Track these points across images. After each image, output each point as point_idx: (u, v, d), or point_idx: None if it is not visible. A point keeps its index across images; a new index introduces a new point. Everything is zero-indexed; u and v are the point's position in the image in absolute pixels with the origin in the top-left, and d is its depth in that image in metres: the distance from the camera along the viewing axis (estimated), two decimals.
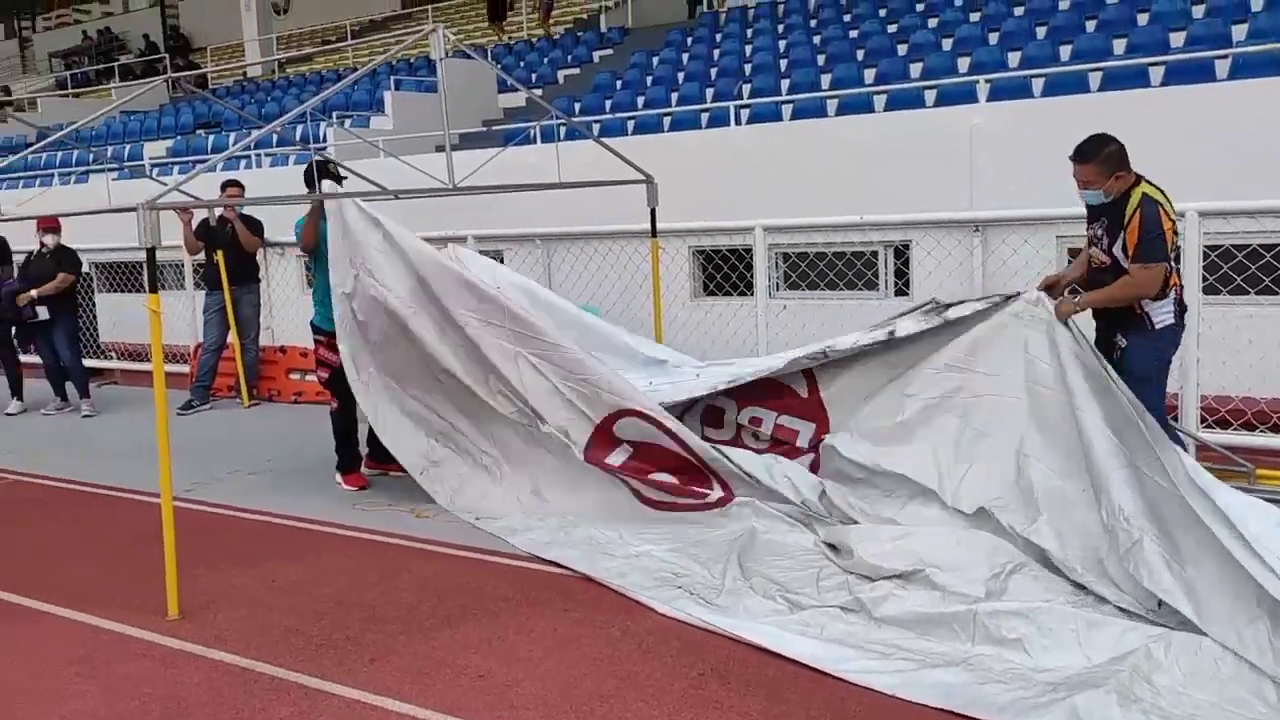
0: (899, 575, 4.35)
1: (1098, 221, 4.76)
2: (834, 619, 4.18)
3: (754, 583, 4.60)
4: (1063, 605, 3.97)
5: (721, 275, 8.28)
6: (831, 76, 12.03)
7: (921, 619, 4.05)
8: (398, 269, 5.97)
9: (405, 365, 6.01)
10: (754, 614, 4.31)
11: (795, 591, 4.46)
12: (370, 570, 5.11)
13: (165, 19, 31.39)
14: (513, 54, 18.42)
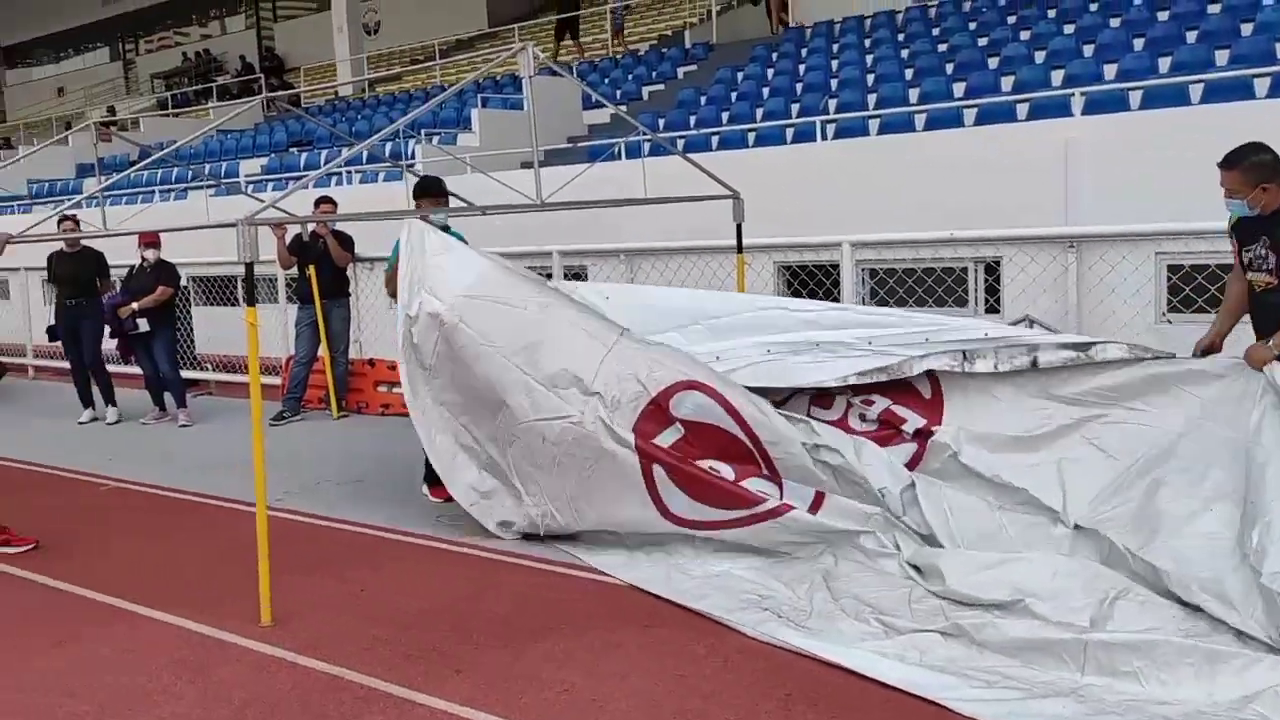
0: (996, 605, 4.23)
1: (1257, 241, 4.44)
2: (934, 644, 4.06)
3: (844, 604, 4.50)
4: (1176, 636, 3.81)
5: (808, 291, 8.20)
6: (920, 91, 11.88)
7: (1026, 646, 3.91)
8: (453, 274, 5.72)
9: (454, 390, 5.71)
10: (847, 637, 4.22)
11: (888, 614, 4.36)
12: (456, 582, 5.16)
13: (260, 40, 32.35)
14: (597, 71, 18.57)
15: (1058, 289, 7.09)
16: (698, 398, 5.16)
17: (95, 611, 5.00)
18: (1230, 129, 7.33)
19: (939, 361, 5.08)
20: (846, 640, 4.18)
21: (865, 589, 4.59)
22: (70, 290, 9.82)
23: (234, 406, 10.22)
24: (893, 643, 4.11)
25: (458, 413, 5.70)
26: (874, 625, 4.29)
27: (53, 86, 38.08)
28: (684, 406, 5.16)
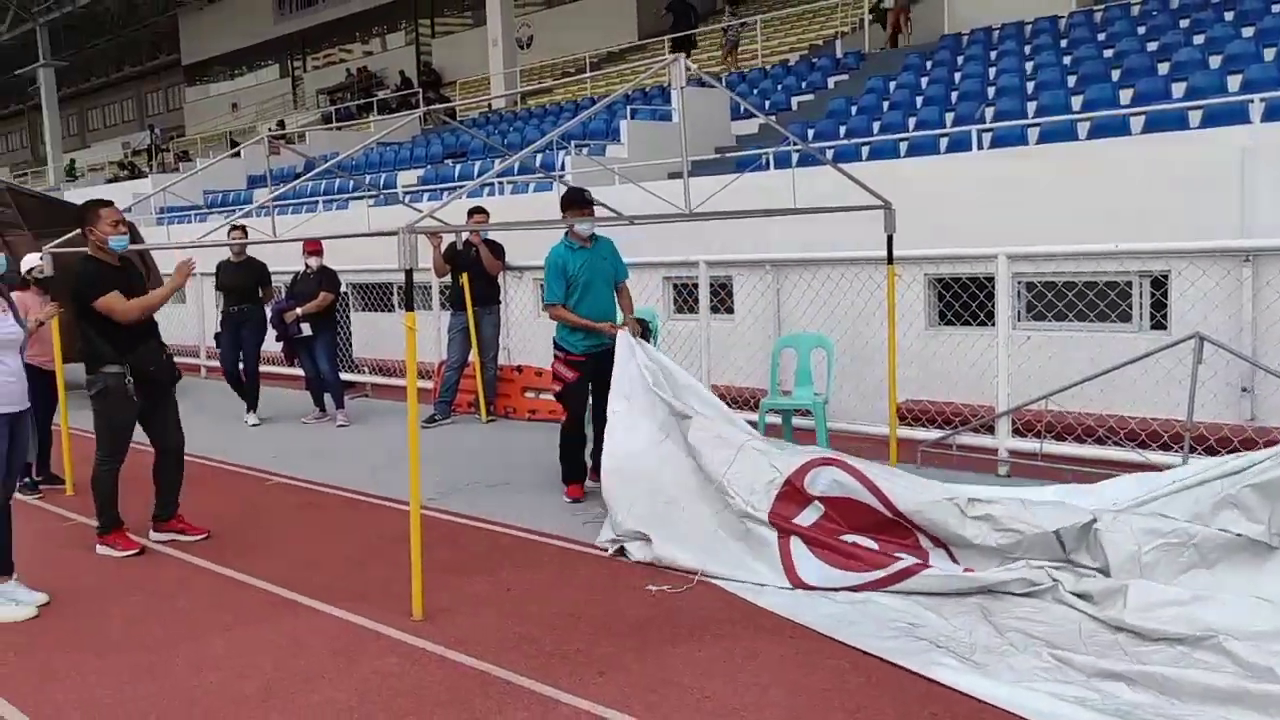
0: (1180, 639, 3.96)
1: None
2: (1120, 689, 3.74)
3: (1011, 638, 4.23)
4: None
5: (960, 304, 7.98)
6: (1083, 98, 11.43)
7: (1224, 697, 3.57)
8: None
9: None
10: (1020, 674, 3.94)
11: (1062, 649, 4.07)
12: (600, 585, 5.22)
13: (419, 56, 33.57)
14: (746, 81, 18.55)
15: (1231, 304, 6.71)
16: (833, 473, 5.21)
17: (261, 600, 5.26)
18: None
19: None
20: (1019, 677, 3.91)
21: (1030, 622, 4.34)
22: (235, 298, 10.34)
23: (388, 409, 10.60)
24: (1072, 686, 3.81)
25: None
26: (1047, 659, 4.02)
27: (227, 102, 40.38)
28: (819, 483, 5.22)
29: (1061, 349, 7.29)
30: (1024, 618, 4.39)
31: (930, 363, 8.00)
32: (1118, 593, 4.31)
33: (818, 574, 5.03)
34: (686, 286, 9.91)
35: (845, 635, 4.40)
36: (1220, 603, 4.16)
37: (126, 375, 5.87)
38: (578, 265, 6.74)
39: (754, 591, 5.02)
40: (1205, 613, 4.08)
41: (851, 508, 5.13)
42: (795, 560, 5.12)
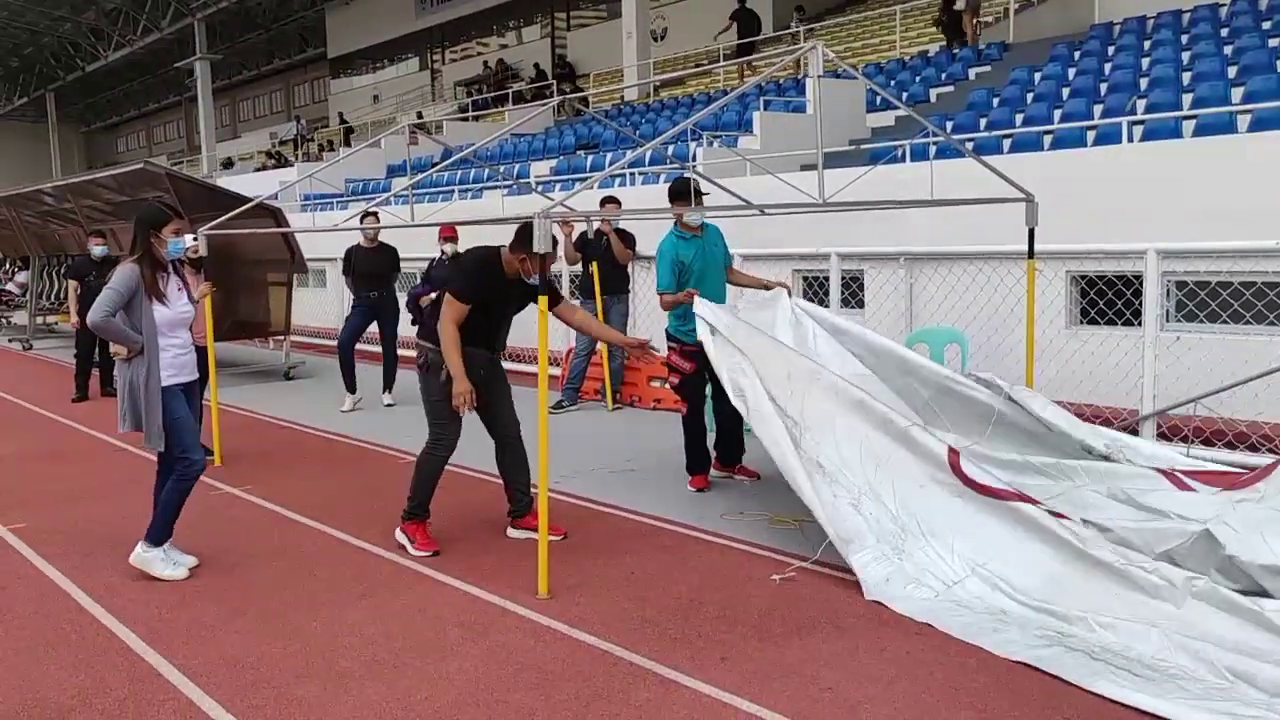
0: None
1: None
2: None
3: (1178, 655, 3.99)
4: None
5: (1105, 302, 7.68)
6: (1244, 90, 10.84)
7: None
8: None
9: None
10: (1190, 693, 3.71)
11: (1241, 661, 3.84)
12: (723, 572, 5.22)
13: (555, 49, 34.01)
14: (883, 73, 18.21)
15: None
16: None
17: (396, 572, 5.44)
18: None
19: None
20: (1188, 695, 3.69)
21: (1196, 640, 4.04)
22: (369, 283, 10.54)
23: (519, 394, 10.76)
24: (1253, 708, 3.57)
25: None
26: (1224, 677, 3.80)
27: (369, 94, 41.69)
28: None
29: (1212, 351, 6.94)
30: (1191, 627, 4.10)
31: (1070, 362, 7.72)
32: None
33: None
34: (817, 279, 9.80)
35: (989, 643, 4.22)
36: None
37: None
38: (691, 255, 6.75)
39: (891, 594, 4.79)
40: None
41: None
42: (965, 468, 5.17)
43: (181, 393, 5.34)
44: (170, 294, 5.32)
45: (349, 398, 10.51)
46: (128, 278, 5.16)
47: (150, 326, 5.17)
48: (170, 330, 5.30)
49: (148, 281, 5.19)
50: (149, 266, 5.23)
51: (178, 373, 5.33)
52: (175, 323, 5.33)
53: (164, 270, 5.33)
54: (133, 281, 5.15)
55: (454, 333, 5.44)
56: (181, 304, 5.40)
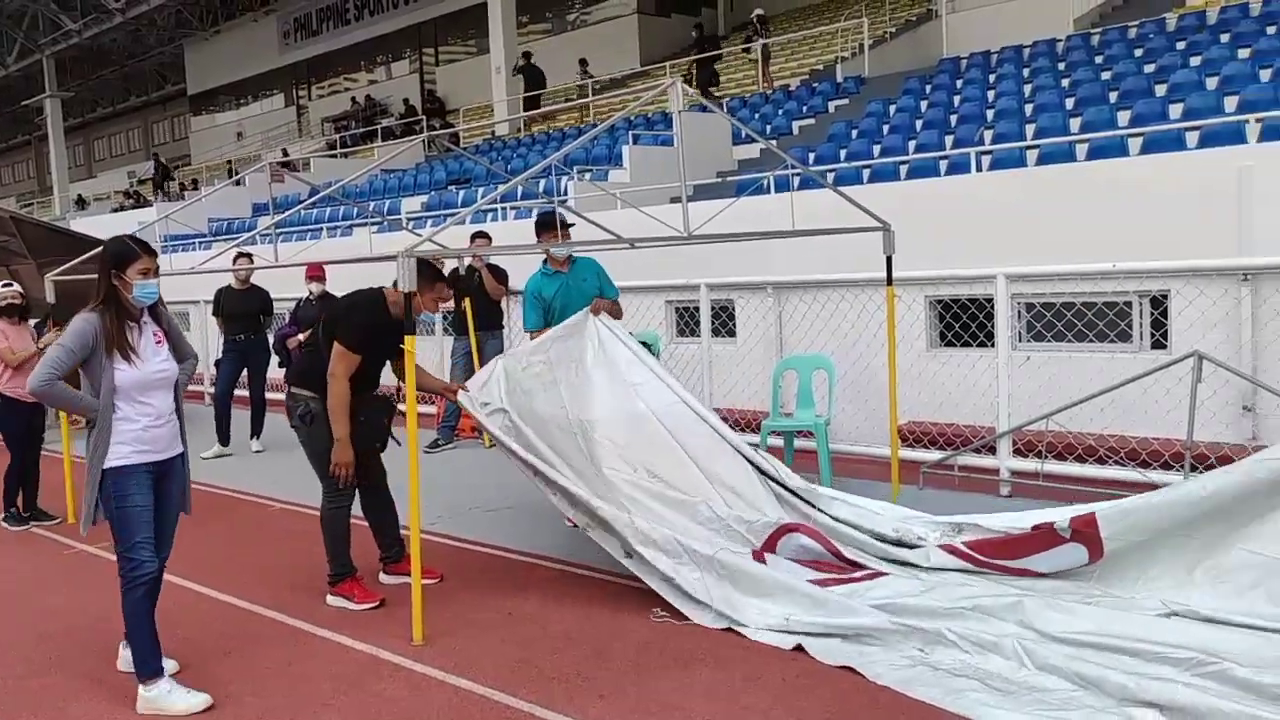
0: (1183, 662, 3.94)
1: None
2: (1149, 714, 3.69)
3: (1031, 665, 4.16)
4: None
5: (960, 325, 8.00)
6: (1081, 120, 11.49)
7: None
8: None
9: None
10: (1048, 704, 3.86)
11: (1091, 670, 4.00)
12: (600, 608, 5.21)
13: (424, 84, 33.80)
14: (747, 107, 18.66)
15: (1230, 323, 6.73)
16: (798, 538, 5.41)
17: (262, 626, 5.26)
18: None
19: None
20: (1045, 706, 3.84)
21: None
22: (240, 326, 10.29)
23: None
24: (1104, 714, 3.76)
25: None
26: (1074, 683, 3.97)
27: (233, 131, 40.65)
28: (787, 550, 5.39)
29: (1061, 369, 7.30)
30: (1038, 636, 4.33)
31: (931, 384, 8.01)
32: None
33: (785, 565, 5.21)
34: (689, 310, 9.95)
35: (857, 665, 4.32)
36: (1228, 630, 4.12)
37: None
38: (553, 290, 6.77)
39: (754, 625, 4.83)
40: (1208, 634, 4.07)
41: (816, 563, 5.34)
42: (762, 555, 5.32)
43: (149, 474, 4.32)
44: (142, 349, 4.32)
45: (216, 446, 10.17)
46: (83, 331, 4.24)
47: (107, 391, 4.22)
48: (141, 394, 4.29)
49: (110, 334, 4.25)
50: (113, 315, 4.28)
51: (146, 449, 4.31)
52: (148, 385, 4.31)
53: (132, 320, 4.34)
54: (88, 336, 4.23)
55: (344, 391, 5.19)
56: (158, 361, 4.38)
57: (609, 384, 6.16)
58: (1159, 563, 4.66)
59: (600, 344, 6.31)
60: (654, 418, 6.05)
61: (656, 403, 6.12)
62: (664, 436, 5.99)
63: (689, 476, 5.83)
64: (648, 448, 5.92)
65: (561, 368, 6.14)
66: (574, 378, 6.13)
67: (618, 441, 5.90)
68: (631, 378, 6.21)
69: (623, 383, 6.17)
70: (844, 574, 5.19)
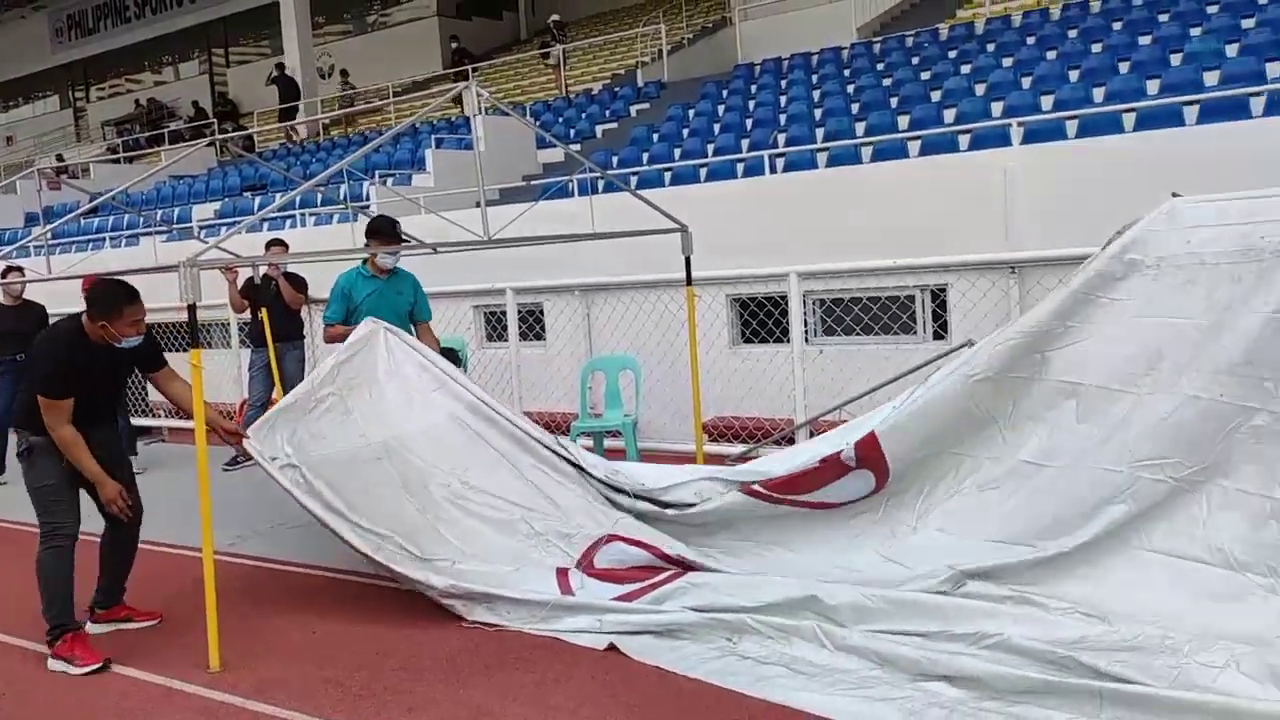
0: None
1: None
2: (941, 686, 3.91)
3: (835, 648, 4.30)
4: None
5: (758, 322, 8.29)
6: (865, 124, 12.11)
7: (1036, 686, 3.77)
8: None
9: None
10: (849, 683, 4.03)
11: (886, 650, 4.18)
12: (412, 620, 5.11)
13: (214, 86, 32.33)
14: (551, 110, 18.74)
15: (1000, 313, 7.21)
16: (618, 547, 5.36)
17: (29, 665, 4.92)
18: (1161, 156, 7.61)
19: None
20: (845, 686, 4.01)
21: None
22: (14, 345, 9.48)
23: (187, 453, 10.08)
24: (898, 688, 3.95)
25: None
26: (872, 663, 4.14)
27: (1, 135, 37.73)
28: (605, 559, 5.34)
29: (852, 361, 7.66)
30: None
31: (734, 379, 8.26)
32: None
33: (589, 590, 5.12)
34: (496, 314, 9.91)
35: (666, 661, 4.39)
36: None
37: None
38: (364, 293, 6.64)
39: (567, 630, 4.84)
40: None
41: (637, 567, 5.28)
42: (570, 580, 5.23)
43: None
44: None
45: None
46: None
47: None
48: None
49: None
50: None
51: None
52: None
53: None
54: None
55: (70, 434, 4.75)
56: None
57: (406, 396, 6.00)
58: (935, 479, 4.95)
59: (390, 353, 6.10)
60: (458, 422, 5.95)
61: (457, 406, 6.00)
62: (472, 440, 5.90)
63: (501, 481, 5.77)
64: (457, 454, 5.84)
65: (354, 394, 5.90)
66: (368, 399, 5.91)
67: (425, 456, 5.80)
68: (427, 384, 6.06)
69: (420, 391, 6.03)
70: (650, 581, 5.09)
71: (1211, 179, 6.91)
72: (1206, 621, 3.95)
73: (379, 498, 5.55)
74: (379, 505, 5.50)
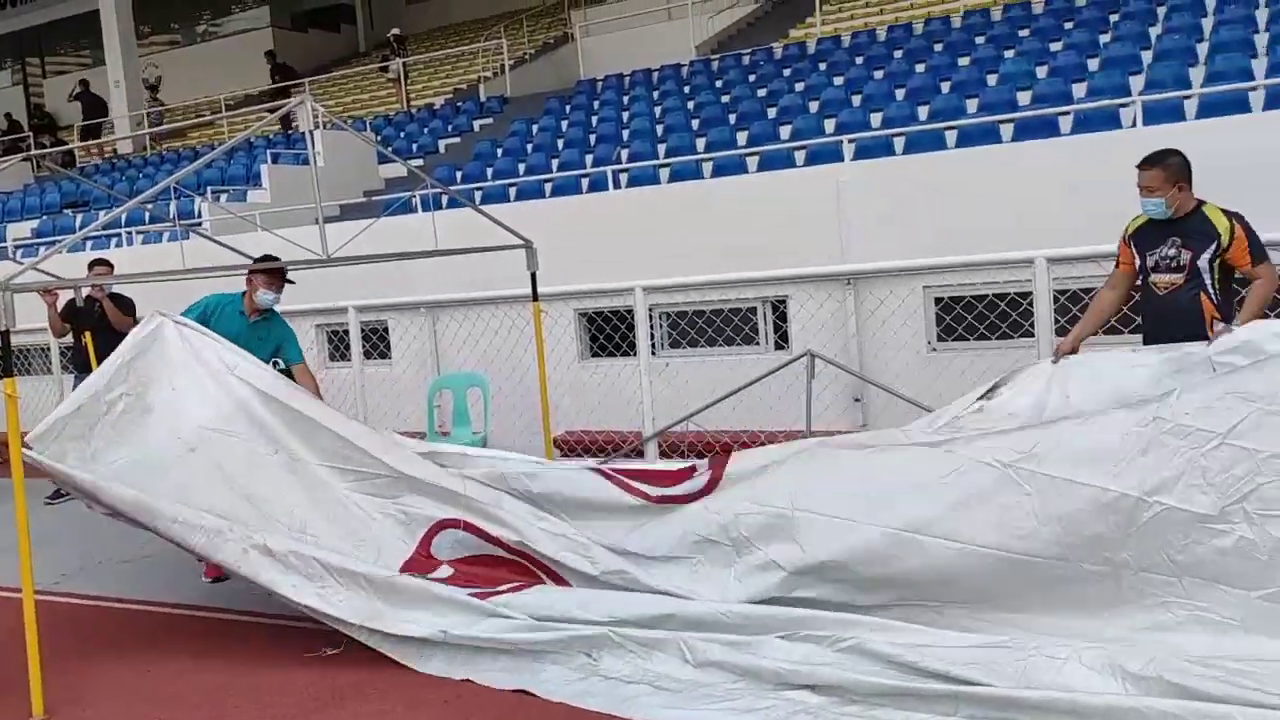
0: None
1: (1164, 244, 4.84)
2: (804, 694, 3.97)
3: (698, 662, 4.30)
4: None
5: (604, 336, 8.37)
6: (706, 140, 12.37)
7: (894, 691, 3.86)
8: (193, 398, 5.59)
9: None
10: (714, 697, 4.05)
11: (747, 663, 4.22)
12: (259, 654, 4.94)
13: (29, 97, 30.52)
14: (393, 125, 18.45)
15: (837, 323, 7.51)
16: (455, 534, 5.17)
17: None
18: (982, 170, 8.06)
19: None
20: (713, 700, 4.03)
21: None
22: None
23: (4, 486, 9.47)
24: (765, 699, 3.99)
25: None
26: (734, 676, 4.16)
27: None
28: (444, 547, 5.16)
29: (698, 373, 7.82)
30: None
31: (584, 393, 8.31)
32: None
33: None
34: (337, 333, 9.68)
35: (529, 685, 4.31)
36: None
37: None
38: (226, 328, 6.17)
39: (417, 657, 4.68)
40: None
41: (478, 561, 5.11)
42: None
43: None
44: None
45: None
46: None
47: None
48: None
49: None
50: None
51: None
52: None
53: None
54: None
55: None
56: None
57: (212, 379, 5.59)
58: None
59: (185, 341, 5.69)
60: (273, 397, 5.55)
61: (264, 382, 5.63)
62: (289, 412, 5.52)
63: (325, 447, 5.43)
64: (276, 429, 5.47)
65: (152, 390, 5.50)
66: (170, 392, 5.52)
67: (245, 434, 5.44)
68: (230, 363, 5.66)
69: (223, 373, 5.61)
70: (495, 585, 4.96)
71: (1024, 193, 7.42)
72: (1048, 616, 4.13)
73: (195, 490, 5.20)
74: (197, 498, 5.16)
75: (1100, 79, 10.42)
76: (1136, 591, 4.07)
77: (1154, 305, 4.95)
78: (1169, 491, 4.01)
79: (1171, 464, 4.04)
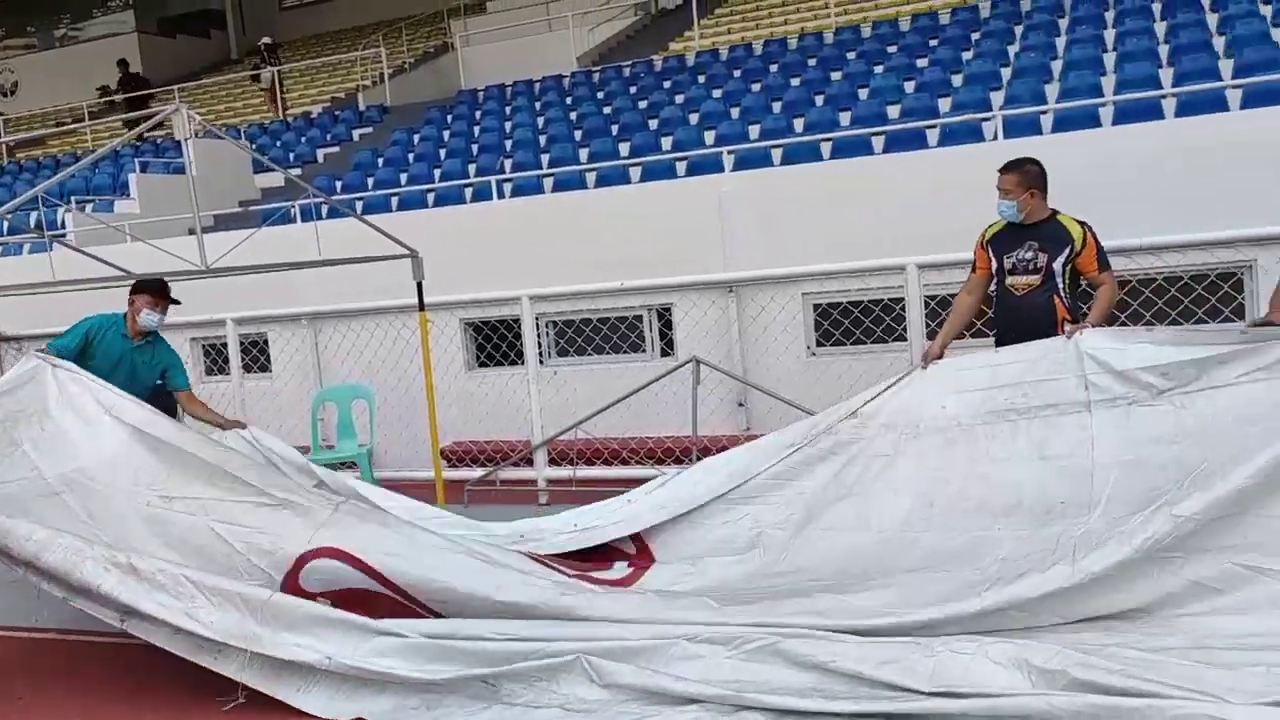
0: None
1: (1021, 246, 5.12)
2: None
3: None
4: None
5: (492, 345, 8.39)
6: (589, 151, 12.49)
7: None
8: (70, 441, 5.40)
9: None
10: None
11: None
12: (132, 678, 4.81)
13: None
14: (268, 134, 18.05)
15: (720, 330, 7.70)
16: (328, 564, 4.80)
17: None
18: (855, 181, 8.39)
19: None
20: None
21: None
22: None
23: None
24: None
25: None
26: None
27: None
28: (314, 579, 4.79)
29: (585, 381, 7.91)
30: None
31: (471, 403, 8.31)
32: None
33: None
34: (215, 346, 9.45)
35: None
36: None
37: None
38: (108, 352, 6.01)
39: (295, 692, 4.41)
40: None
41: (352, 596, 4.73)
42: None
43: None
44: None
45: None
46: None
47: None
48: None
49: None
50: None
51: None
52: None
53: None
54: None
55: None
56: None
57: (85, 424, 5.41)
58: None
59: (61, 386, 5.51)
60: (149, 436, 5.36)
61: (139, 418, 5.43)
62: (168, 451, 5.31)
63: (204, 491, 5.16)
64: (155, 468, 5.27)
65: (21, 426, 5.32)
66: (39, 431, 5.34)
67: (119, 484, 5.22)
68: (106, 404, 5.48)
69: (99, 417, 5.43)
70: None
71: (893, 202, 7.76)
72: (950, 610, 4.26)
73: (57, 520, 4.94)
74: (59, 525, 4.89)
75: (964, 94, 10.91)
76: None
77: (1010, 306, 5.23)
78: None
79: None
